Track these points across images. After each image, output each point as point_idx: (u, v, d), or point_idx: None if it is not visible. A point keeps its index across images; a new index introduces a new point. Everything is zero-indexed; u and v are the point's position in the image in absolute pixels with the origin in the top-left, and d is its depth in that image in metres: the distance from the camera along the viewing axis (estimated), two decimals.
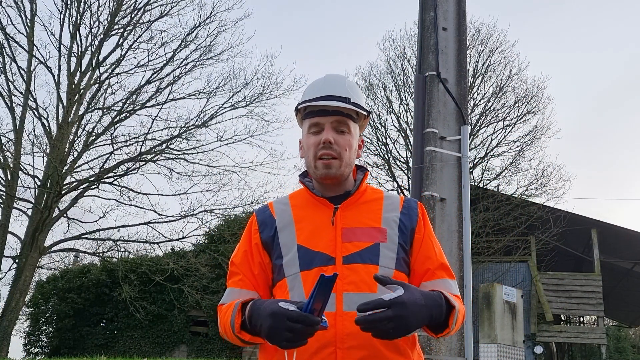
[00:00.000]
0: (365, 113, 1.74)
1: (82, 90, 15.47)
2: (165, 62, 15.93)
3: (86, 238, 16.16)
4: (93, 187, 15.63)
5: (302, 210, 1.70)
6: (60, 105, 15.19)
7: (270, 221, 1.70)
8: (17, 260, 14.88)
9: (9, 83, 14.95)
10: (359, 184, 1.73)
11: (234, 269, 1.71)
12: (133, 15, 15.83)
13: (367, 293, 1.52)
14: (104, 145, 15.82)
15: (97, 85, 15.72)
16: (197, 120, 16.01)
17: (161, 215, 15.74)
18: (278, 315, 1.33)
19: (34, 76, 15.15)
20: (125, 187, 15.74)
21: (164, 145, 15.93)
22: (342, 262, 1.57)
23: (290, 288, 1.58)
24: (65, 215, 15.37)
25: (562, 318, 22.80)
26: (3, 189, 14.83)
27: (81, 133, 15.67)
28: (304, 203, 1.72)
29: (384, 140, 18.24)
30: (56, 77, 15.13)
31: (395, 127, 18.22)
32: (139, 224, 15.98)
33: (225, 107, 16.29)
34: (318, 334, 1.36)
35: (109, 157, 15.56)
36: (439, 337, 1.58)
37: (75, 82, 15.40)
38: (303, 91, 1.80)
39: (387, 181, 18.32)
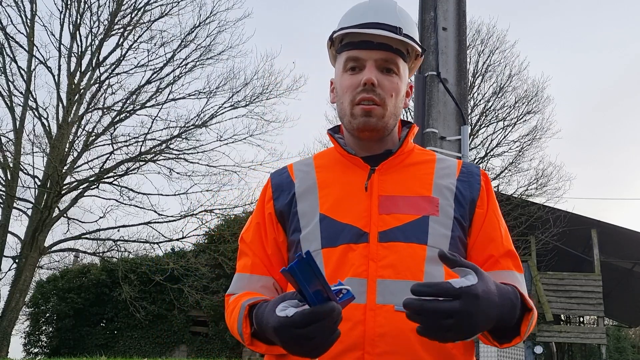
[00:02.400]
0: (419, 50, 1.37)
1: (82, 90, 15.47)
2: (165, 62, 15.93)
3: (86, 238, 16.16)
4: (93, 187, 15.63)
5: (328, 172, 1.34)
6: (60, 105, 15.19)
7: (288, 185, 1.34)
8: (17, 260, 14.88)
9: (9, 83, 14.96)
10: (402, 140, 1.36)
11: (243, 247, 1.36)
12: (133, 15, 15.84)
13: (410, 281, 1.08)
14: (104, 145, 15.83)
15: (97, 85, 15.72)
16: (197, 120, 16.01)
17: (161, 215, 15.74)
18: (282, 329, 0.98)
19: (34, 76, 15.15)
20: (125, 187, 15.74)
21: (164, 145, 15.92)
22: (378, 239, 1.21)
23: None
24: (65, 215, 15.37)
25: (562, 318, 22.80)
26: (3, 189, 14.83)
27: (81, 133, 15.67)
28: (332, 163, 1.36)
29: None
30: (56, 77, 15.14)
31: None
32: (139, 224, 15.98)
33: (225, 107, 16.29)
34: (343, 332, 1.01)
35: (109, 157, 15.56)
36: (504, 347, 1.16)
37: (75, 82, 15.40)
38: (342, 17, 1.39)
39: None
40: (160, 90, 15.95)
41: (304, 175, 1.35)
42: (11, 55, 14.85)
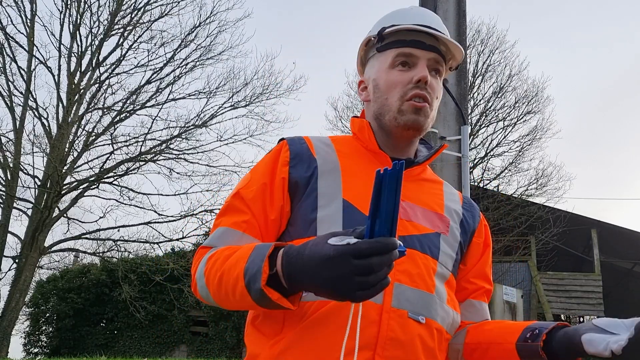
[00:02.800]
0: (460, 60, 1.37)
1: (82, 90, 15.46)
2: (165, 62, 15.93)
3: (86, 238, 16.16)
4: (93, 187, 15.63)
5: (352, 160, 1.29)
6: (60, 105, 15.19)
7: (308, 158, 1.26)
8: (17, 260, 14.88)
9: (9, 83, 14.96)
10: (432, 154, 1.35)
11: (239, 203, 1.23)
12: (133, 15, 15.84)
13: (423, 291, 1.17)
14: (104, 145, 15.83)
15: (97, 85, 15.72)
16: (197, 120, 16.01)
17: (161, 215, 15.74)
18: (341, 258, 0.88)
19: (34, 76, 15.15)
20: (125, 187, 15.75)
21: (164, 145, 15.92)
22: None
23: None
24: (65, 215, 15.36)
25: (562, 318, 22.80)
26: (3, 189, 14.83)
27: (81, 133, 15.67)
28: (354, 153, 1.31)
29: None
30: (56, 77, 15.14)
31: None
32: (139, 224, 16.00)
33: (225, 107, 16.29)
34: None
35: (109, 157, 15.56)
36: None
37: (75, 82, 15.39)
38: (380, 20, 1.40)
39: None
40: (160, 90, 15.96)
41: (325, 155, 1.28)
42: (11, 55, 14.86)
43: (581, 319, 24.64)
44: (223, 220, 1.24)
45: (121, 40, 15.80)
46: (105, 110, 15.72)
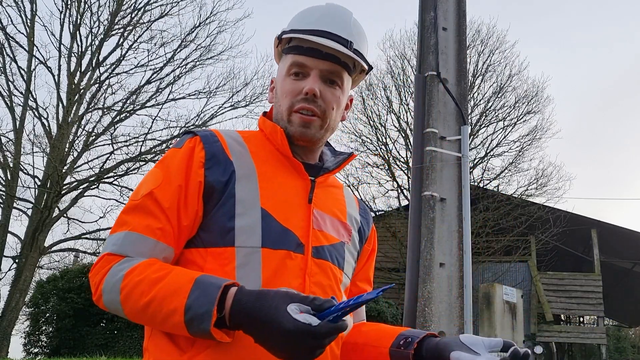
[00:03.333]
0: (366, 67, 1.33)
1: (82, 90, 15.47)
2: (165, 62, 15.95)
3: (86, 238, 16.16)
4: (93, 187, 15.63)
5: (265, 165, 1.24)
6: (60, 105, 15.19)
7: (224, 160, 1.20)
8: (17, 260, 14.88)
9: (9, 83, 14.97)
10: (341, 162, 1.33)
11: (152, 205, 1.15)
12: (133, 15, 15.85)
13: None
14: (104, 145, 15.84)
15: (97, 85, 15.73)
16: (197, 120, 16.03)
17: None
18: (300, 335, 0.93)
19: (34, 76, 15.16)
20: (125, 187, 15.76)
21: (164, 145, 15.92)
22: (312, 253, 1.19)
23: (240, 264, 1.13)
24: (65, 215, 15.37)
25: (562, 318, 22.80)
26: (3, 189, 14.84)
27: (81, 133, 15.68)
28: (268, 156, 1.26)
29: (384, 140, 18.25)
30: (56, 77, 15.15)
31: (395, 127, 18.23)
32: None
33: (225, 107, 16.31)
34: None
35: (109, 157, 15.57)
36: None
37: (75, 82, 15.40)
38: (294, 16, 1.35)
39: (387, 181, 18.34)
40: (160, 90, 15.98)
41: (241, 156, 1.22)
42: (11, 55, 14.87)
43: (581, 319, 24.65)
44: (132, 222, 1.14)
45: (121, 40, 15.82)
46: (105, 110, 15.72)
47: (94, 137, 15.59)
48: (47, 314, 18.61)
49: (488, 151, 17.64)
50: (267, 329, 0.95)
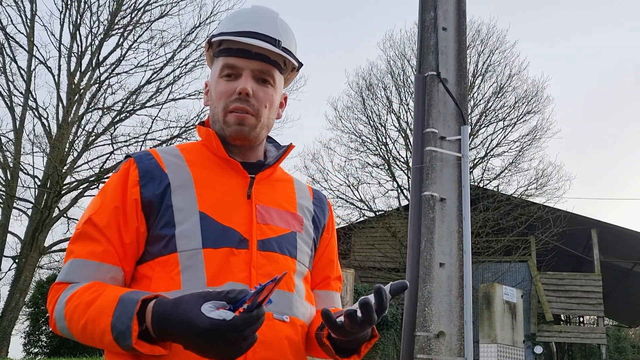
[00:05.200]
0: (296, 64, 1.37)
1: (82, 90, 15.47)
2: (165, 62, 15.95)
3: None
4: (93, 187, 15.62)
5: (204, 170, 1.28)
6: (60, 105, 15.20)
7: (159, 174, 1.24)
8: (17, 260, 14.89)
9: (9, 83, 14.98)
10: (280, 155, 1.37)
11: (92, 230, 1.19)
12: (133, 15, 15.86)
13: (285, 291, 1.23)
14: (104, 145, 15.84)
15: (97, 85, 15.73)
16: (197, 120, 16.02)
17: None
18: (216, 332, 0.94)
19: (34, 76, 15.17)
20: None
21: (164, 145, 15.93)
22: (258, 247, 1.22)
23: (183, 268, 1.16)
24: (65, 215, 15.37)
25: (562, 318, 22.80)
26: (3, 189, 14.84)
27: (81, 133, 15.68)
28: (205, 162, 1.31)
29: (384, 140, 18.25)
30: (56, 77, 15.16)
31: (395, 127, 18.23)
32: None
33: None
34: None
35: (109, 157, 15.57)
36: None
37: (75, 82, 15.40)
38: (222, 20, 1.39)
39: (387, 181, 18.34)
40: (160, 90, 15.98)
41: (176, 168, 1.27)
42: (11, 55, 14.87)
43: (581, 319, 24.65)
44: (76, 249, 1.19)
45: (121, 40, 15.82)
46: (105, 110, 15.73)
47: (94, 137, 15.60)
48: (47, 314, 18.64)
49: (488, 151, 17.65)
50: (186, 332, 0.97)
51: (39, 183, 14.96)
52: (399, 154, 18.11)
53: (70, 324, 1.12)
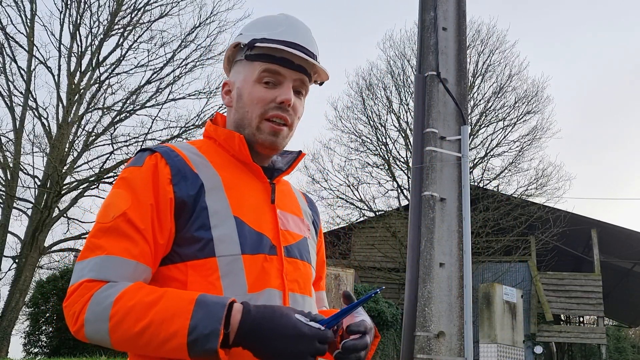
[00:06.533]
0: (326, 79, 1.39)
1: (82, 90, 15.47)
2: (165, 62, 15.94)
3: (86, 238, 16.15)
4: (93, 187, 15.62)
5: (228, 172, 1.25)
6: (60, 105, 15.19)
7: (191, 174, 1.20)
8: (17, 260, 14.88)
9: (9, 83, 14.96)
10: (292, 162, 1.37)
11: (127, 227, 1.13)
12: (133, 16, 15.85)
13: (307, 296, 1.26)
14: (104, 145, 15.83)
15: (97, 85, 15.72)
16: (197, 120, 16.02)
17: None
18: (312, 336, 1.02)
19: (34, 76, 15.15)
20: None
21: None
22: (284, 253, 1.23)
23: (223, 274, 1.14)
24: (65, 215, 15.36)
25: (562, 318, 22.80)
26: (3, 189, 14.83)
27: (81, 133, 15.67)
28: (226, 163, 1.27)
29: (384, 140, 18.25)
30: (56, 77, 15.15)
31: (395, 127, 18.24)
32: None
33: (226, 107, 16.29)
34: None
35: (109, 157, 15.55)
36: None
37: (75, 82, 15.40)
38: (253, 23, 1.38)
39: (387, 181, 18.34)
40: (160, 90, 15.97)
41: (204, 168, 1.23)
42: (11, 55, 14.86)
43: (581, 319, 24.65)
44: (108, 245, 1.12)
45: (121, 40, 15.81)
46: (105, 110, 15.72)
47: (94, 137, 15.59)
48: (47, 314, 18.60)
49: (488, 151, 17.66)
50: (280, 335, 1.02)
51: (39, 183, 14.96)
52: (399, 154, 18.12)
53: (119, 326, 1.05)
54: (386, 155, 18.12)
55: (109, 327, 1.05)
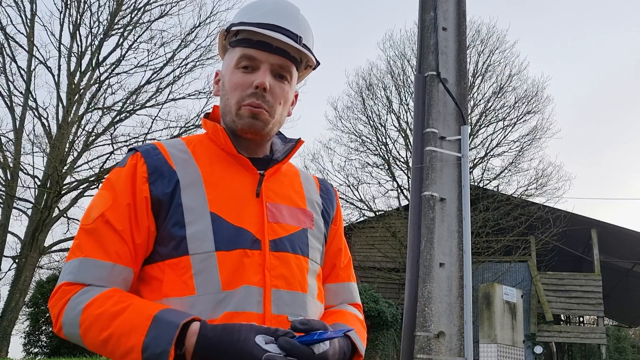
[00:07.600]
0: (314, 62, 1.34)
1: (82, 90, 15.46)
2: (165, 62, 15.95)
3: None
4: (93, 187, 15.61)
5: (211, 167, 1.23)
6: (60, 105, 15.19)
7: (168, 171, 1.19)
8: (17, 260, 14.88)
9: (9, 83, 14.96)
10: (289, 150, 1.33)
11: (105, 229, 1.14)
12: (133, 15, 15.85)
13: (299, 292, 1.20)
14: (104, 145, 15.83)
15: (97, 85, 15.72)
16: (197, 120, 16.02)
17: None
18: None
19: (34, 76, 15.15)
20: None
21: None
22: (270, 247, 1.18)
23: (196, 272, 1.12)
24: (65, 215, 15.36)
25: (562, 318, 22.80)
26: (3, 189, 14.83)
27: (81, 133, 15.67)
28: (212, 158, 1.25)
29: (384, 140, 18.25)
30: (56, 77, 15.15)
31: (395, 127, 18.24)
32: None
33: None
34: None
35: (109, 157, 15.55)
36: None
37: (75, 82, 15.40)
38: (241, 9, 1.34)
39: (387, 181, 18.34)
40: (160, 90, 15.97)
41: (184, 164, 1.22)
42: (11, 55, 14.85)
43: (581, 319, 24.65)
44: (87, 247, 1.13)
45: (121, 40, 15.81)
46: (105, 110, 15.72)
47: (94, 137, 15.59)
48: (47, 314, 18.61)
49: (488, 151, 17.65)
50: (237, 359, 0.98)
51: (39, 183, 14.96)
52: (399, 154, 18.12)
53: (87, 333, 1.08)
54: (386, 155, 18.13)
55: (79, 332, 1.08)
